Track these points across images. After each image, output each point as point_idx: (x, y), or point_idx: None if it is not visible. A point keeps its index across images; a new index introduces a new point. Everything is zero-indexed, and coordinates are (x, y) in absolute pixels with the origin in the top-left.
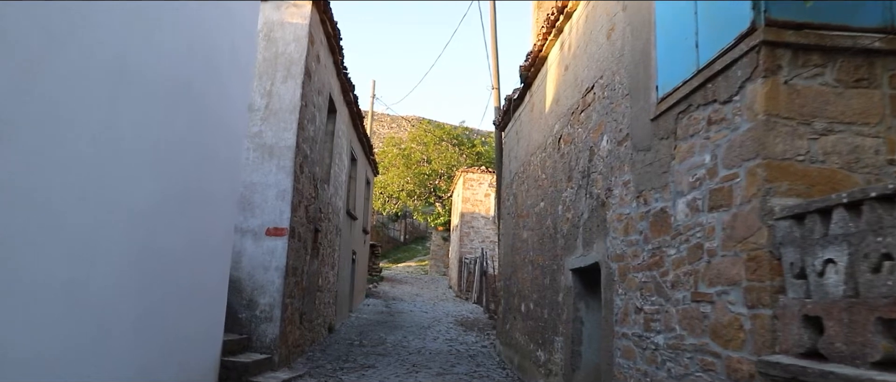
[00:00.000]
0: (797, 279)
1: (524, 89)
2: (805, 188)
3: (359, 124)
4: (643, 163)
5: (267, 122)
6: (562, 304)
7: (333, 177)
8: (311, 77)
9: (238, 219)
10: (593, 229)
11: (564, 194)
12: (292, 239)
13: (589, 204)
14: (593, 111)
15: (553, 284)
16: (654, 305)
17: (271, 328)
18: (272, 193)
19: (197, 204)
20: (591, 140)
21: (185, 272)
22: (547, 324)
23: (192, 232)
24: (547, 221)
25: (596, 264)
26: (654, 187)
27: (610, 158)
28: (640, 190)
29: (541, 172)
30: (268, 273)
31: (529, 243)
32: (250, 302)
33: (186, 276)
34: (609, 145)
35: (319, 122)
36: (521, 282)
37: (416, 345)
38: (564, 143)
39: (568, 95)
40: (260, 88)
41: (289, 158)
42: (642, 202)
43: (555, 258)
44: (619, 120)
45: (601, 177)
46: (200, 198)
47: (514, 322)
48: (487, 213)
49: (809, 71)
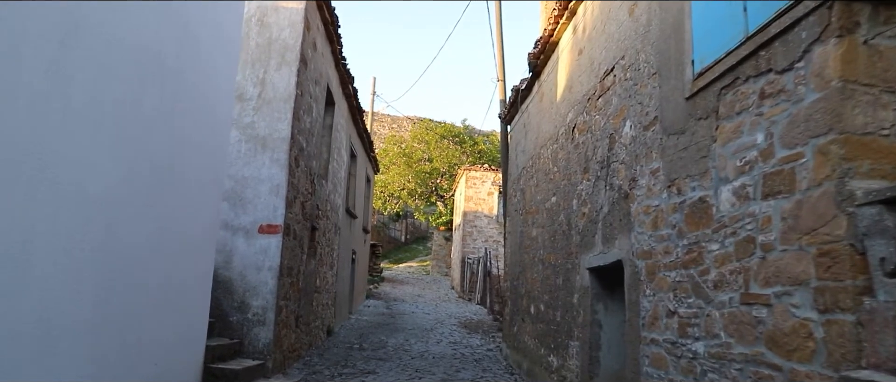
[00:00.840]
0: (891, 278)
1: (532, 79)
2: (892, 169)
3: (359, 119)
4: (676, 148)
5: (260, 112)
6: (577, 306)
7: (332, 173)
8: (307, 65)
9: (228, 215)
10: (615, 224)
11: (580, 187)
12: (287, 237)
13: (609, 197)
14: (613, 95)
15: (567, 284)
16: (692, 308)
17: (264, 332)
18: (265, 187)
19: (172, 193)
20: (611, 127)
21: (156, 269)
22: (560, 327)
23: (165, 224)
24: (559, 217)
25: (618, 262)
26: (691, 173)
27: (634, 145)
28: (673, 178)
29: (552, 164)
30: (260, 274)
31: (539, 241)
32: (242, 305)
33: (159, 273)
34: (633, 130)
35: (316, 114)
36: (530, 282)
37: (419, 349)
38: (579, 132)
39: (583, 81)
40: (252, 76)
41: (283, 150)
42: (675, 192)
43: (569, 256)
44: (644, 102)
45: (624, 167)
46: (176, 187)
47: (523, 325)
48: (490, 212)
49: (894, 29)
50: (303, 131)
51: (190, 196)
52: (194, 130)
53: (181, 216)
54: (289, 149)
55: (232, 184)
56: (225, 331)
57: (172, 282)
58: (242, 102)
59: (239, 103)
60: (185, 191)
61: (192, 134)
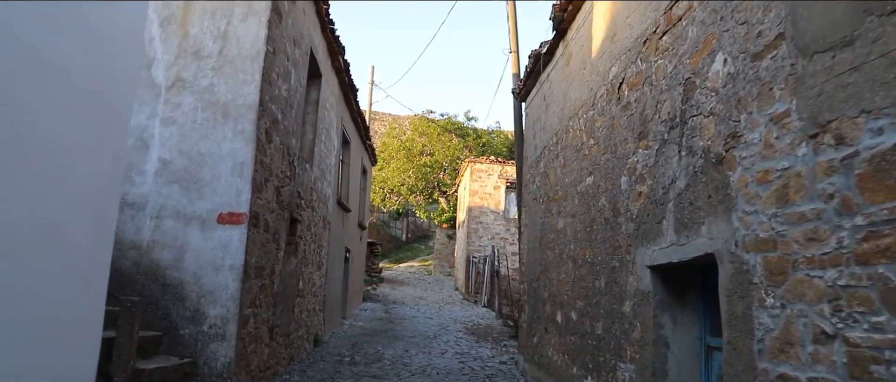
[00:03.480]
0: None
1: (556, 40)
2: None
3: (352, 100)
4: (829, 72)
5: (220, 72)
6: (630, 316)
7: (319, 157)
8: (281, 17)
9: (180, 202)
10: (699, 203)
11: (632, 158)
12: (255, 229)
13: (687, 165)
14: (689, 25)
15: (612, 287)
16: (876, 331)
17: (224, 348)
18: (226, 166)
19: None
20: (687, 69)
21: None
22: (602, 343)
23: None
24: (599, 201)
25: (707, 256)
26: (870, 107)
27: (733, 85)
28: (823, 121)
29: (586, 137)
30: (220, 275)
31: (568, 233)
32: (196, 314)
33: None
34: (730, 65)
35: (296, 82)
36: (555, 284)
37: (420, 362)
38: (630, 87)
39: (633, 22)
40: (212, 28)
41: (249, 120)
42: (829, 143)
43: (615, 250)
44: (751, 19)
45: (713, 120)
46: (15, 141)
47: (546, 336)
48: (497, 207)
49: None
50: (276, 99)
51: (46, 159)
52: (58, 56)
53: (30, 188)
54: (256, 118)
55: (184, 162)
56: (174, 348)
57: (18, 283)
58: (199, 60)
59: (195, 62)
60: (34, 150)
61: (56, 64)
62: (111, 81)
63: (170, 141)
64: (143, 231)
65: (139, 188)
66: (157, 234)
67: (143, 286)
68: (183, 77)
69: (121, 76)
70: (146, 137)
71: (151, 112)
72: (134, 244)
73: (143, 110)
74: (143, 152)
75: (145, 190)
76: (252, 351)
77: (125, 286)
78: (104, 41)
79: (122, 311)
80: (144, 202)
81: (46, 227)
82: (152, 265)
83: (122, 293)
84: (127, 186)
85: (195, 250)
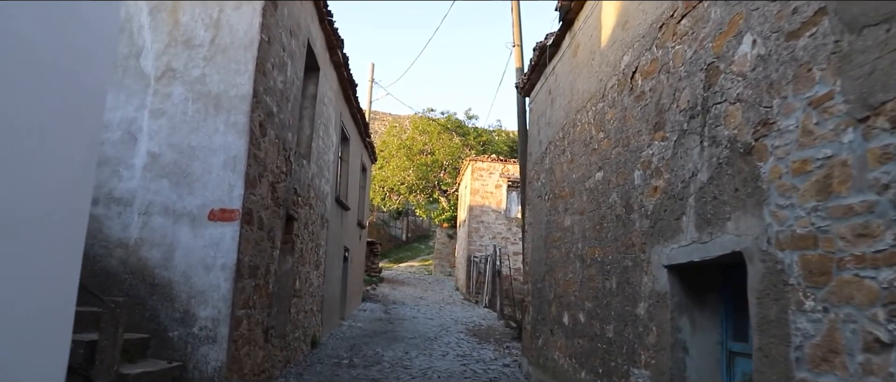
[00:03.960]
0: None
1: (562, 31)
2: None
3: (352, 95)
4: (883, 47)
5: (212, 62)
6: (644, 319)
7: (317, 153)
8: (277, 6)
9: (169, 198)
10: (724, 198)
11: (647, 150)
12: (249, 226)
13: (711, 156)
14: (713, 6)
15: (625, 288)
16: None
17: (215, 351)
18: (218, 160)
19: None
20: (710, 54)
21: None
22: (612, 346)
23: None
24: (610, 197)
25: (734, 254)
26: None
27: (764, 68)
28: (874, 103)
29: (595, 130)
30: (211, 274)
31: (576, 231)
32: (186, 316)
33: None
34: (760, 47)
35: (292, 74)
36: (562, 285)
37: (421, 364)
38: (644, 76)
39: (647, 7)
40: (203, 16)
41: (242, 111)
42: (882, 126)
43: (628, 249)
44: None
45: (740, 107)
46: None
47: (551, 338)
48: (499, 206)
49: None
50: (271, 91)
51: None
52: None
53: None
54: (250, 110)
55: (174, 156)
56: (163, 351)
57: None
58: (190, 50)
59: (186, 51)
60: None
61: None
62: (85, 63)
63: (159, 134)
64: (131, 228)
65: (126, 183)
66: (145, 231)
67: (130, 286)
68: (173, 67)
69: (95, 59)
70: (134, 130)
71: (140, 103)
72: (121, 242)
73: (132, 102)
74: (131, 145)
75: (133, 185)
76: (245, 354)
77: (111, 285)
78: (75, 20)
79: (106, 312)
80: (132, 198)
81: (11, 219)
82: (140, 264)
83: (108, 293)
84: (114, 181)
85: (185, 248)
